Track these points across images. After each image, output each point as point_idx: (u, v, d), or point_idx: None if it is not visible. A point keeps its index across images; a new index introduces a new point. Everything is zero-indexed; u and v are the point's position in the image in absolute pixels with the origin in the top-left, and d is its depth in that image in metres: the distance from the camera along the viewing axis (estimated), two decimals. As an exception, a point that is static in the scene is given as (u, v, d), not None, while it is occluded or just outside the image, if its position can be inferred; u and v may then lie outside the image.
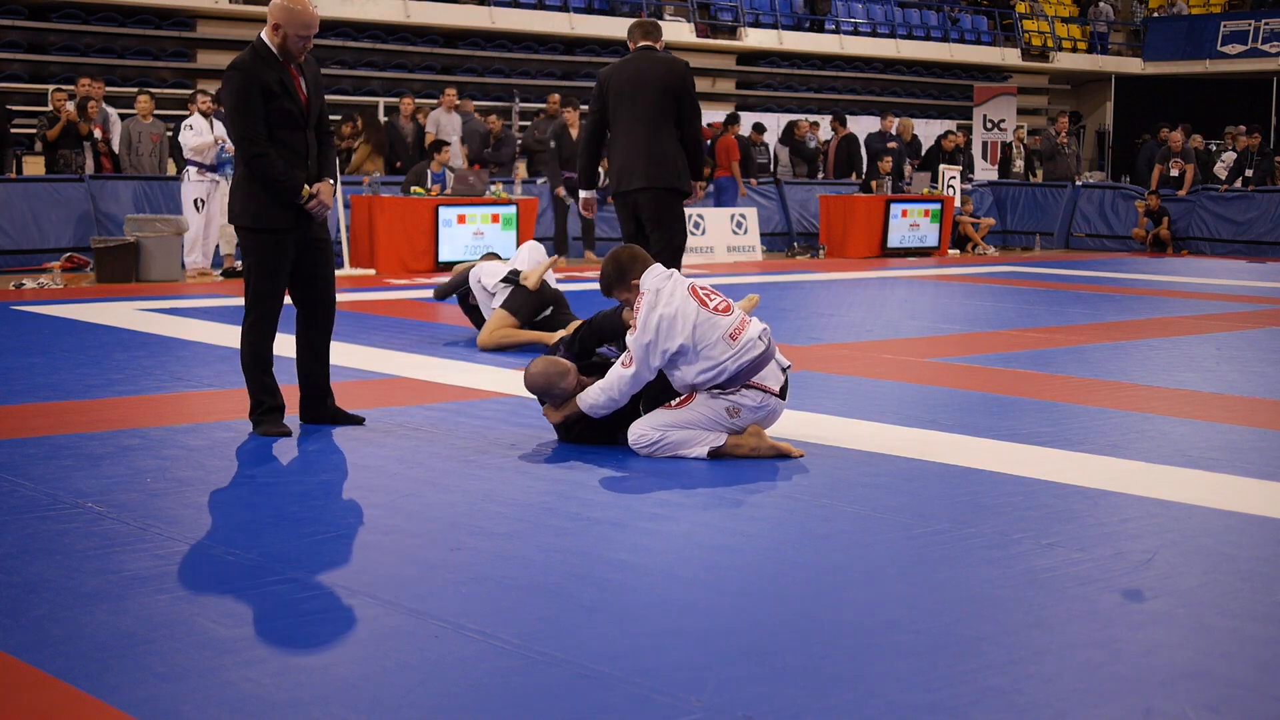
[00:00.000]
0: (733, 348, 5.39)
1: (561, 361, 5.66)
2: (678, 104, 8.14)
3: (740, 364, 5.39)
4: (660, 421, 5.46)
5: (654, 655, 3.30)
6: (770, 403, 5.49)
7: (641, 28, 8.48)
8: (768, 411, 5.51)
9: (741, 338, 5.42)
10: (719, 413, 5.44)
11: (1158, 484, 5.13)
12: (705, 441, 5.42)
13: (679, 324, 5.37)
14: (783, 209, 19.37)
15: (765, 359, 5.46)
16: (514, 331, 8.53)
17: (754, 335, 5.46)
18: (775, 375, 5.51)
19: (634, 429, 5.50)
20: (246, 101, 5.74)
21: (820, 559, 4.16)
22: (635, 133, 8.09)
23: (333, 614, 3.61)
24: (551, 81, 21.96)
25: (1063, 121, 21.95)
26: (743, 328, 5.45)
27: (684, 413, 5.46)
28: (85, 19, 18.83)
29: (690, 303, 5.43)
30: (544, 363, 5.66)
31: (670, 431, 5.43)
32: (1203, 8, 30.67)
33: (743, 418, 5.45)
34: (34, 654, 3.25)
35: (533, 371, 5.64)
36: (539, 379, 5.61)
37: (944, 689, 3.11)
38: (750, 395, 5.45)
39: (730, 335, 5.41)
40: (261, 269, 5.89)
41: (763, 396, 5.46)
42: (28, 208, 13.91)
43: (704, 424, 5.44)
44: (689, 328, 5.37)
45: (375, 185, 14.76)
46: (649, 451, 5.45)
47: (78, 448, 5.54)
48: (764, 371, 5.46)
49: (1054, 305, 12.00)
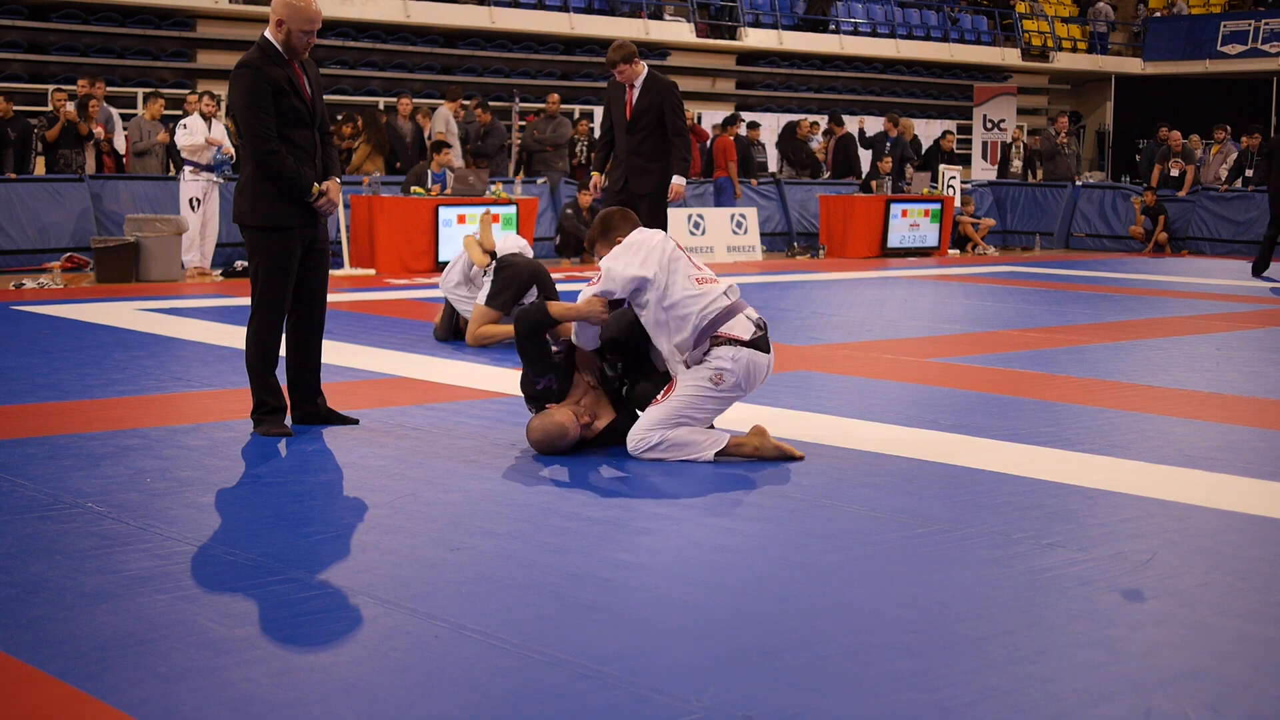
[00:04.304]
0: (696, 290, 5.45)
1: (558, 425, 5.50)
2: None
3: (703, 313, 5.42)
4: (654, 421, 5.43)
5: (654, 655, 3.30)
6: (744, 355, 5.45)
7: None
8: (747, 365, 5.44)
9: (706, 285, 5.50)
10: (703, 385, 5.42)
11: (1158, 484, 5.13)
12: (708, 445, 5.41)
13: (655, 254, 5.47)
14: (783, 209, 19.37)
15: (733, 311, 5.50)
16: (493, 328, 8.59)
17: (721, 288, 5.54)
18: (745, 326, 5.50)
19: (632, 435, 5.47)
20: (257, 99, 5.74)
21: (820, 559, 4.16)
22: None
23: (333, 614, 3.61)
24: (551, 81, 21.96)
25: (1062, 121, 21.95)
26: (713, 278, 5.57)
27: (672, 403, 5.43)
28: (85, 19, 18.83)
29: (669, 243, 5.58)
30: (543, 432, 5.53)
31: (667, 430, 5.41)
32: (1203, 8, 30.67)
33: (727, 382, 5.43)
34: (34, 654, 3.24)
35: (537, 441, 5.56)
36: (545, 446, 5.54)
37: (944, 689, 3.11)
38: (723, 353, 5.43)
39: (695, 280, 5.50)
40: (271, 268, 5.88)
41: (735, 350, 5.43)
42: (28, 208, 13.91)
43: (694, 406, 5.40)
44: (664, 260, 5.47)
45: (375, 185, 14.77)
46: (652, 455, 5.42)
47: (78, 448, 5.54)
48: (731, 322, 5.47)
49: (1054, 305, 12.00)
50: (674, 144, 9.36)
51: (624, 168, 9.48)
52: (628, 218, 5.76)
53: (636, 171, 9.40)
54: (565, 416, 5.53)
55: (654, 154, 9.38)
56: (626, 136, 9.44)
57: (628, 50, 9.35)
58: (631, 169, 9.42)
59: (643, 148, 9.37)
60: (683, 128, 9.43)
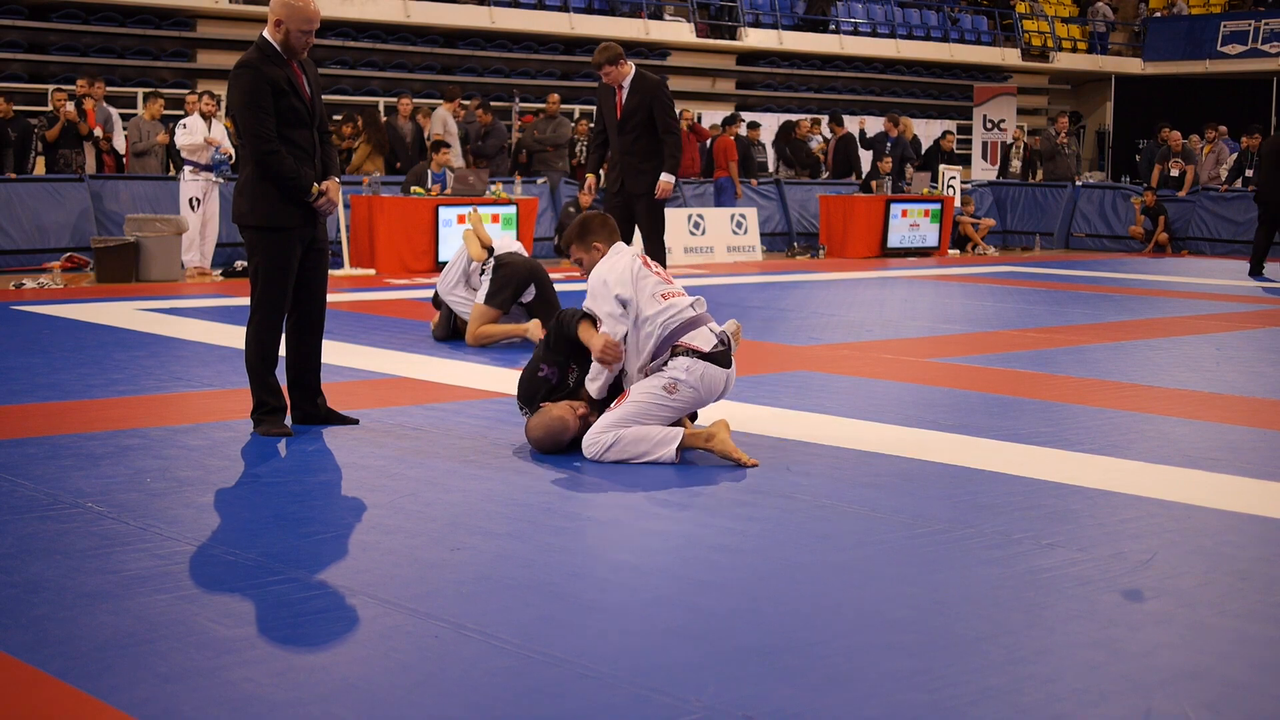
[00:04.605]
0: (660, 306, 5.50)
1: (558, 418, 5.54)
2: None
3: (665, 323, 5.47)
4: (607, 423, 5.41)
5: (654, 655, 3.30)
6: (699, 367, 5.44)
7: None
8: (701, 376, 5.43)
9: (671, 300, 5.54)
10: (657, 392, 5.41)
11: (1158, 484, 5.13)
12: (666, 441, 5.37)
13: (626, 279, 5.51)
14: (783, 209, 19.37)
15: (696, 322, 5.53)
16: (492, 327, 8.60)
17: (685, 302, 5.58)
18: (706, 338, 5.51)
19: (586, 439, 5.43)
20: (257, 99, 5.74)
21: (820, 559, 4.16)
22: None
23: (333, 614, 3.61)
24: (551, 81, 21.96)
25: (1062, 122, 21.96)
26: (677, 293, 5.60)
27: (626, 408, 5.42)
28: (85, 19, 18.83)
29: (635, 261, 5.62)
30: (543, 428, 5.55)
31: (621, 431, 5.38)
32: (1203, 8, 30.66)
33: (681, 394, 5.43)
34: (34, 654, 3.25)
35: (539, 439, 5.57)
36: (548, 443, 5.55)
37: (944, 689, 3.11)
38: (680, 363, 5.43)
39: (662, 295, 5.53)
40: (271, 268, 5.88)
41: (690, 361, 5.43)
42: (28, 208, 13.91)
43: (646, 413, 5.39)
44: (633, 279, 5.52)
45: (375, 185, 14.77)
46: (607, 456, 5.36)
47: (78, 448, 5.54)
48: (694, 333, 5.50)
49: (1054, 305, 12.00)
50: (664, 142, 9.34)
51: (619, 168, 9.48)
52: (607, 225, 5.79)
53: (631, 172, 9.40)
54: (563, 410, 5.54)
55: (647, 154, 9.36)
56: (618, 137, 9.45)
57: (612, 52, 9.35)
58: (626, 169, 9.42)
59: (635, 148, 9.36)
60: (673, 125, 9.41)
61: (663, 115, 9.34)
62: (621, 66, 9.31)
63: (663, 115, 9.34)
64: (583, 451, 5.43)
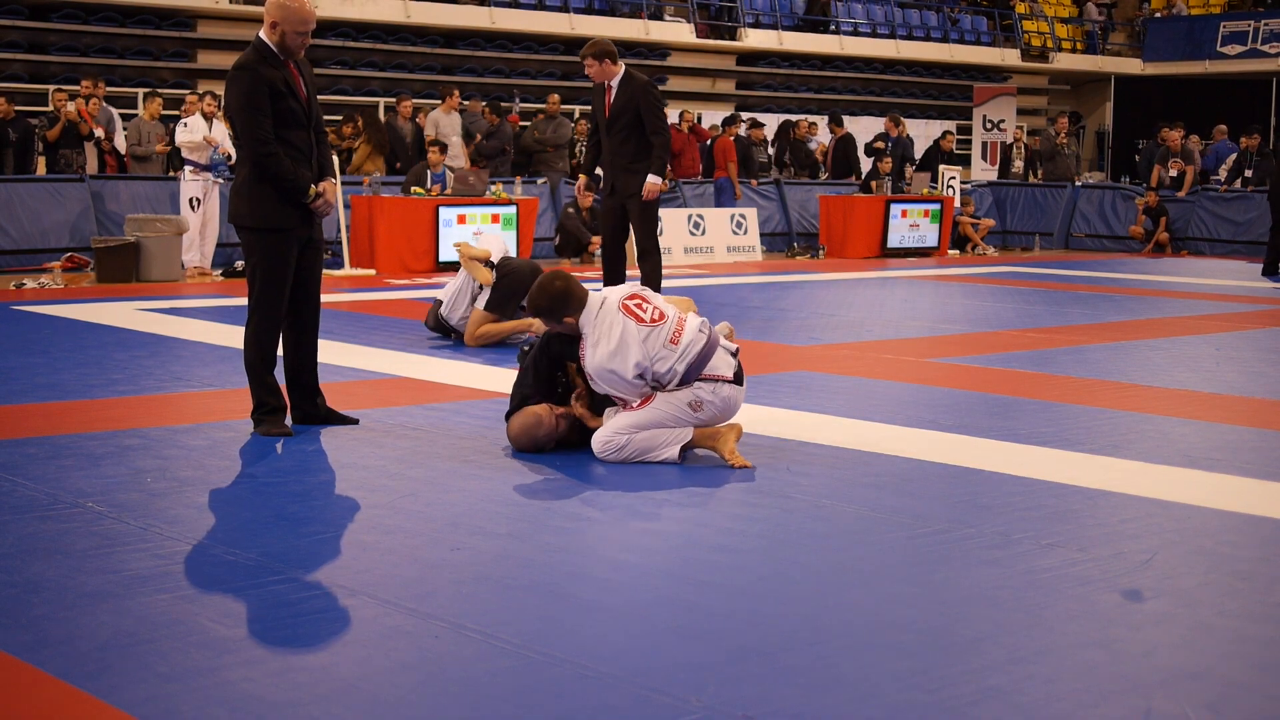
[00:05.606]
0: (676, 351, 5.37)
1: (533, 414, 5.53)
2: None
3: (688, 362, 5.38)
4: (624, 425, 5.39)
5: (654, 655, 3.30)
6: (725, 390, 5.45)
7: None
8: (724, 400, 5.45)
9: (682, 339, 5.40)
10: (682, 408, 5.40)
11: (1158, 484, 5.13)
12: (674, 441, 5.38)
13: (632, 349, 5.30)
14: (783, 209, 19.38)
15: (710, 350, 5.45)
16: (492, 326, 8.60)
17: (693, 331, 5.45)
18: (726, 362, 5.49)
19: (598, 436, 5.41)
20: (254, 101, 5.73)
21: (820, 559, 4.16)
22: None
23: (333, 614, 3.61)
24: (551, 82, 21.97)
25: (1062, 122, 21.96)
26: (681, 328, 5.44)
27: (646, 413, 5.39)
28: (85, 19, 18.84)
29: (629, 323, 5.36)
30: (519, 426, 5.55)
31: (636, 433, 5.37)
32: (1202, 8, 30.67)
33: (704, 411, 5.42)
34: (34, 654, 3.25)
35: (515, 436, 5.57)
36: (524, 440, 5.55)
37: (944, 689, 3.11)
38: (706, 386, 5.42)
39: (671, 340, 5.38)
40: (268, 269, 5.88)
41: (717, 385, 5.42)
42: (28, 208, 13.92)
43: (669, 421, 5.39)
44: (639, 345, 5.32)
45: (375, 185, 14.77)
46: (617, 457, 5.36)
47: (78, 448, 5.54)
48: (714, 361, 5.45)
49: (1054, 305, 12.00)
50: (652, 143, 9.16)
51: (609, 170, 9.34)
52: (570, 293, 5.44)
53: (621, 173, 9.24)
54: (540, 409, 5.55)
55: (637, 154, 9.19)
56: (607, 138, 9.28)
57: (599, 47, 9.17)
58: (616, 171, 9.27)
59: (624, 148, 9.19)
60: (660, 126, 9.21)
61: (650, 115, 9.14)
62: (607, 64, 9.08)
63: (650, 115, 9.14)
64: (592, 448, 5.43)
